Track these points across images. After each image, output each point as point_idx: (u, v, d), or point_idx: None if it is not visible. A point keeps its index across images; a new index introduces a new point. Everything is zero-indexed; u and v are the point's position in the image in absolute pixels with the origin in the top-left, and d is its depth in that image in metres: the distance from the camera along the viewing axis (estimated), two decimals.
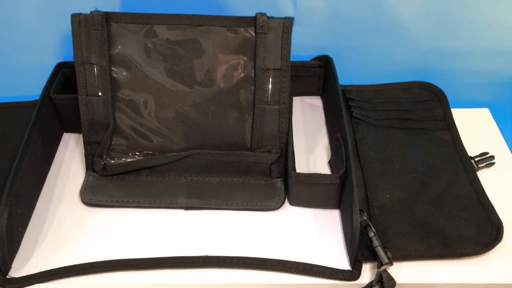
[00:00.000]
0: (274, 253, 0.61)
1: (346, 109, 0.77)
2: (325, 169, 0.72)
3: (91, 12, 0.63)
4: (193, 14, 0.63)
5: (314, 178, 0.62)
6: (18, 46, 0.81)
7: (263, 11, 0.66)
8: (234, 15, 0.64)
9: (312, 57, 0.81)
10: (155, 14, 0.63)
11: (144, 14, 0.63)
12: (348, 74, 0.80)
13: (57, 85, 0.76)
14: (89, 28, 0.63)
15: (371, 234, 0.58)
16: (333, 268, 0.59)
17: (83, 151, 0.75)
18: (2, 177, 0.70)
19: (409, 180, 0.69)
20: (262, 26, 0.62)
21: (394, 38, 0.78)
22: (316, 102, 0.84)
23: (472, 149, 0.74)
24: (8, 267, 0.60)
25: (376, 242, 0.58)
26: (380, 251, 0.57)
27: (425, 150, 0.73)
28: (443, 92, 0.81)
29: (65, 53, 0.82)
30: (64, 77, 0.79)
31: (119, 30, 0.64)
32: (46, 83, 0.75)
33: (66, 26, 0.77)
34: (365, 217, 0.59)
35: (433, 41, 0.79)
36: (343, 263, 0.61)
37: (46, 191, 0.70)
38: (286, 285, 0.60)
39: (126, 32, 0.64)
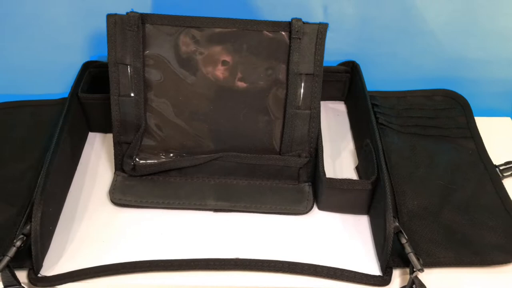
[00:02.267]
0: (303, 257, 0.62)
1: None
2: (352, 175, 0.72)
3: (127, 13, 0.63)
4: (228, 18, 0.64)
5: (346, 184, 0.63)
6: (42, 44, 0.81)
7: (293, 15, 0.66)
8: (264, 19, 0.64)
9: (338, 63, 0.81)
10: (191, 16, 0.64)
11: (179, 16, 0.64)
12: (372, 80, 0.80)
13: (84, 84, 0.76)
14: (125, 29, 0.63)
15: (403, 241, 0.59)
16: (364, 274, 0.60)
17: (109, 150, 0.76)
18: (30, 174, 0.71)
19: (435, 188, 0.69)
20: (297, 31, 0.63)
21: (420, 46, 0.78)
22: (339, 107, 0.85)
23: (495, 158, 0.74)
24: (39, 266, 0.60)
25: (408, 249, 0.58)
26: (413, 258, 0.57)
27: (450, 157, 0.74)
28: (466, 101, 0.82)
29: (91, 52, 0.82)
30: (90, 77, 0.79)
31: (153, 32, 0.64)
32: (74, 82, 0.76)
33: (93, 25, 0.78)
34: (397, 224, 0.59)
35: (459, 50, 0.79)
36: (373, 269, 0.61)
37: (74, 190, 0.70)
38: None
39: (160, 33, 0.64)
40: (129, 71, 0.65)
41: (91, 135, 0.79)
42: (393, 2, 0.73)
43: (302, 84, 0.65)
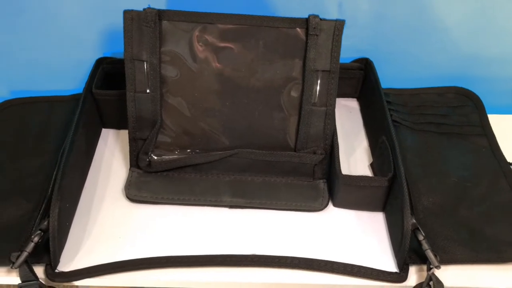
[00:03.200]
0: (318, 253, 0.62)
1: None
2: (366, 172, 0.73)
3: (144, 9, 0.63)
4: (245, 14, 0.64)
5: (363, 180, 0.63)
6: (56, 40, 0.81)
7: (308, 11, 0.66)
8: (279, 15, 0.64)
9: (351, 59, 0.81)
10: (207, 13, 0.64)
11: (196, 13, 0.63)
12: (384, 77, 0.80)
13: (98, 80, 0.76)
14: (141, 25, 0.63)
15: (421, 238, 0.59)
16: (381, 270, 0.60)
17: (123, 146, 0.76)
18: (45, 170, 0.71)
19: (450, 185, 0.69)
20: (314, 28, 0.63)
21: (434, 43, 0.78)
22: (352, 104, 0.85)
23: (508, 155, 0.74)
24: (57, 261, 0.60)
25: (426, 245, 0.58)
26: (430, 255, 0.57)
27: (464, 155, 0.74)
28: (479, 98, 0.82)
29: (102, 49, 0.82)
30: (104, 73, 0.79)
31: (170, 28, 0.64)
32: (88, 78, 0.76)
33: (105, 21, 0.78)
34: (414, 221, 0.59)
35: (473, 47, 0.79)
36: (389, 265, 0.61)
37: (89, 186, 0.70)
38: (333, 285, 0.61)
39: (177, 30, 0.64)
40: (145, 67, 0.65)
41: (104, 131, 0.79)
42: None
43: (318, 81, 0.65)
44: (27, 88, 0.86)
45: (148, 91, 0.66)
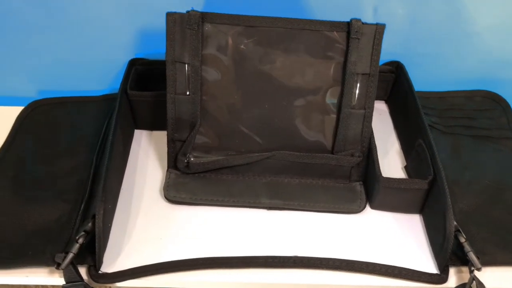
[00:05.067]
0: (357, 255, 0.63)
1: None
2: (400, 174, 0.73)
3: (188, 12, 0.63)
4: (287, 17, 0.64)
5: (403, 183, 0.63)
6: (83, 41, 0.81)
7: (343, 15, 0.67)
8: (315, 18, 0.65)
9: (382, 62, 0.82)
10: (250, 16, 0.64)
11: (239, 16, 0.64)
12: (413, 80, 0.81)
13: (131, 82, 0.77)
14: (184, 28, 0.64)
15: (462, 240, 0.60)
16: (422, 272, 0.61)
17: (157, 148, 0.76)
18: (79, 171, 0.71)
19: (483, 187, 0.70)
20: (356, 31, 0.63)
21: (465, 47, 0.79)
22: (381, 106, 0.85)
23: None
24: (101, 262, 0.60)
25: (468, 248, 0.59)
26: (473, 257, 0.58)
27: (495, 158, 0.75)
28: (507, 102, 0.83)
29: (132, 49, 0.82)
30: (136, 74, 0.79)
31: (212, 31, 0.64)
32: (122, 79, 0.76)
33: (135, 22, 0.78)
34: (455, 223, 0.60)
35: (503, 52, 0.80)
36: (428, 267, 0.62)
37: (126, 187, 0.70)
38: (373, 287, 0.61)
39: (219, 32, 0.65)
40: (186, 69, 0.65)
41: (137, 132, 0.79)
42: (443, 3, 0.74)
43: (358, 84, 0.66)
44: (54, 88, 0.86)
45: (188, 93, 0.67)
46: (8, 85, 0.86)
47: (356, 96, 0.66)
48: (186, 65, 0.65)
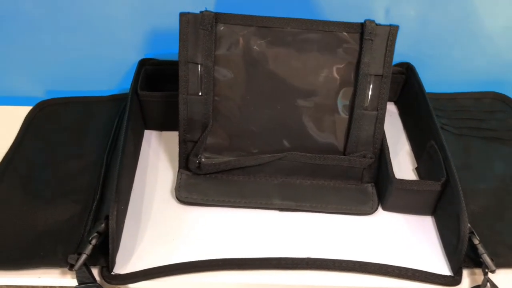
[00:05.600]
0: (369, 257, 0.62)
1: None
2: (411, 175, 0.73)
3: (201, 12, 0.63)
4: (301, 18, 0.64)
5: (416, 185, 0.63)
6: (91, 41, 0.80)
7: (355, 16, 0.67)
8: (327, 19, 0.65)
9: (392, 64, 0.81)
10: (264, 16, 0.64)
11: (252, 16, 0.64)
12: (422, 82, 0.81)
13: (141, 82, 0.76)
14: (198, 28, 0.63)
15: (476, 242, 0.60)
16: (435, 273, 0.61)
17: (167, 148, 0.76)
18: (88, 172, 0.70)
19: (494, 189, 0.70)
20: (370, 33, 0.63)
21: (476, 48, 0.79)
22: (390, 108, 0.85)
23: None
24: (113, 264, 0.60)
25: (482, 250, 0.59)
26: (487, 259, 0.58)
27: (505, 159, 0.75)
28: None
29: (140, 50, 0.82)
30: (146, 74, 0.79)
31: (225, 31, 0.64)
32: (133, 79, 0.75)
33: (143, 23, 0.78)
34: (469, 225, 0.60)
35: None
36: (440, 268, 0.62)
37: (137, 188, 0.70)
38: None
39: (232, 33, 0.64)
40: (199, 70, 0.65)
41: (147, 133, 0.79)
42: (455, 6, 0.74)
43: (371, 85, 0.66)
44: (61, 88, 0.86)
45: (200, 93, 0.66)
46: (16, 85, 0.85)
47: (369, 97, 0.66)
48: (199, 66, 0.65)
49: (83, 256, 0.57)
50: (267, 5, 0.74)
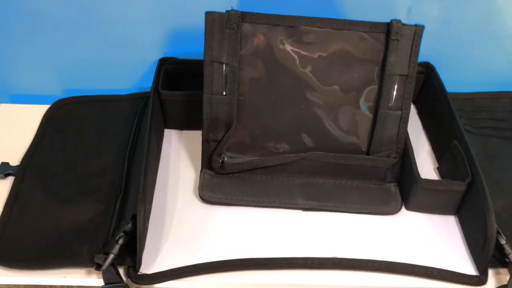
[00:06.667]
0: (394, 256, 0.62)
1: None
2: (433, 175, 0.73)
3: (227, 11, 0.63)
4: (327, 18, 0.64)
5: (442, 184, 0.63)
6: (108, 40, 0.80)
7: (377, 16, 0.67)
8: (349, 19, 0.65)
9: None
10: (290, 16, 0.64)
11: (278, 16, 0.63)
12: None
13: (162, 81, 0.76)
14: (223, 27, 0.63)
15: (502, 241, 0.60)
16: (462, 273, 0.61)
17: (188, 147, 0.76)
18: (109, 171, 0.70)
19: None
20: (396, 33, 0.63)
21: (497, 48, 0.79)
22: None
23: None
24: (140, 263, 0.60)
25: (509, 250, 0.59)
26: None
27: None
28: None
29: (163, 49, 0.81)
30: (166, 73, 0.78)
31: (250, 30, 0.64)
32: (154, 78, 0.75)
33: (162, 22, 0.78)
34: (496, 225, 0.60)
35: None
36: (465, 268, 0.62)
37: (159, 188, 0.70)
38: None
39: (257, 32, 0.64)
40: (224, 69, 0.65)
41: (167, 132, 0.79)
42: (478, 5, 0.74)
43: (396, 85, 0.66)
44: (78, 87, 0.86)
45: (224, 93, 0.66)
46: (34, 83, 0.85)
47: (394, 97, 0.66)
48: (224, 65, 0.65)
49: (111, 256, 0.56)
50: (287, 4, 0.73)
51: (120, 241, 0.58)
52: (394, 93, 0.66)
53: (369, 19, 0.65)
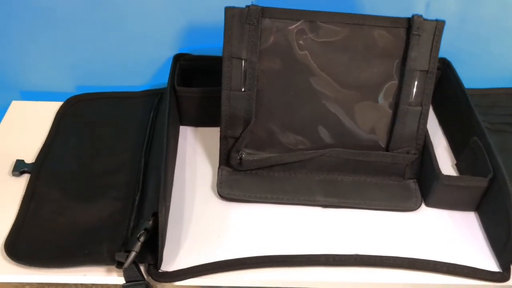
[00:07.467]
0: (415, 253, 0.62)
1: None
2: (450, 171, 0.73)
3: (247, 6, 0.62)
4: (347, 13, 0.63)
5: (464, 181, 0.63)
6: (121, 36, 0.80)
7: (395, 10, 0.66)
8: (368, 14, 0.64)
9: None
10: (310, 11, 0.63)
11: (299, 11, 0.63)
12: None
13: (177, 77, 0.75)
14: (243, 23, 0.63)
15: None
16: (484, 270, 0.60)
17: (204, 144, 0.75)
18: (126, 168, 0.70)
19: None
20: (418, 28, 0.63)
21: (509, 44, 0.79)
22: None
23: None
24: (161, 261, 0.59)
25: None
26: None
27: None
28: None
29: (177, 45, 0.81)
30: (181, 69, 0.78)
31: (270, 26, 0.63)
32: (169, 75, 0.74)
33: (176, 18, 0.77)
34: None
35: None
36: (487, 264, 0.62)
37: (177, 184, 0.69)
38: (434, 285, 0.61)
39: (277, 27, 0.64)
40: (243, 65, 0.64)
41: (182, 129, 0.78)
42: (495, 1, 0.74)
43: (416, 81, 0.65)
44: (91, 83, 0.85)
45: (243, 89, 0.66)
46: (47, 80, 0.84)
47: (414, 93, 0.66)
48: (243, 61, 0.64)
49: (133, 254, 0.56)
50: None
51: (142, 239, 0.57)
52: (414, 89, 0.66)
53: (385, 14, 0.64)
